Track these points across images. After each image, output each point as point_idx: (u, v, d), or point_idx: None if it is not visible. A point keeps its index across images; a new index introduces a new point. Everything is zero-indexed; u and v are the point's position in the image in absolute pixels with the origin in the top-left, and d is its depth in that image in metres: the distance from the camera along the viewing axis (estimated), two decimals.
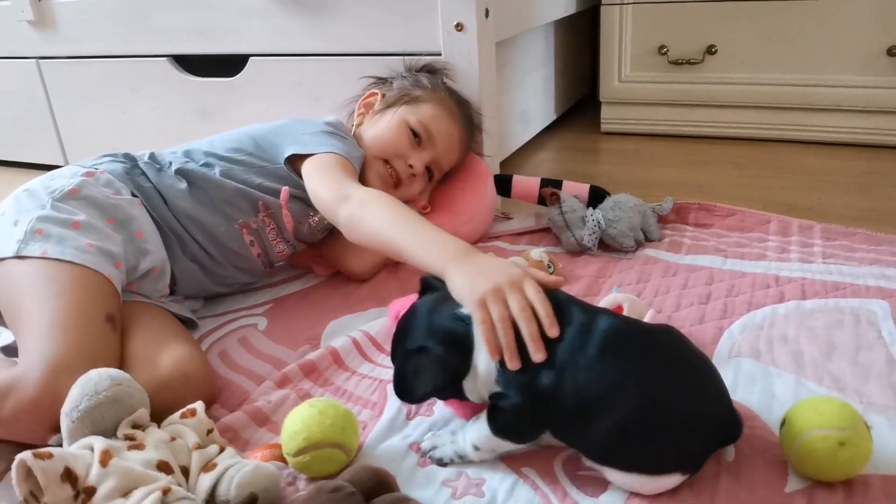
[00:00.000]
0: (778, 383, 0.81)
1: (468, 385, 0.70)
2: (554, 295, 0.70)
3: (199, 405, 0.71)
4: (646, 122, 1.84)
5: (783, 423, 0.69)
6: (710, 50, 1.71)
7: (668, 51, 1.74)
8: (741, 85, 1.70)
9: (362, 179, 1.10)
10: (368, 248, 0.95)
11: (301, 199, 1.05)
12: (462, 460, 0.72)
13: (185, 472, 0.65)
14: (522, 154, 1.72)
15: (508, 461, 0.72)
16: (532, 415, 0.67)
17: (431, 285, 0.77)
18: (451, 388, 0.71)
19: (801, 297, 0.99)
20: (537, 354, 0.65)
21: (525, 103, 1.69)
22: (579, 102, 2.16)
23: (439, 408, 0.81)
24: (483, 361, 0.68)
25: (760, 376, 0.82)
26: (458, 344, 0.68)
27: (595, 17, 2.09)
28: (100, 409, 0.66)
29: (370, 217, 0.88)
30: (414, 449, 0.74)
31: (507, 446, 0.70)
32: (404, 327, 0.73)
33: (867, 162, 1.55)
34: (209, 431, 0.70)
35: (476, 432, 0.70)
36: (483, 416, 0.70)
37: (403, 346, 0.71)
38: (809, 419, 0.66)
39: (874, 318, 0.92)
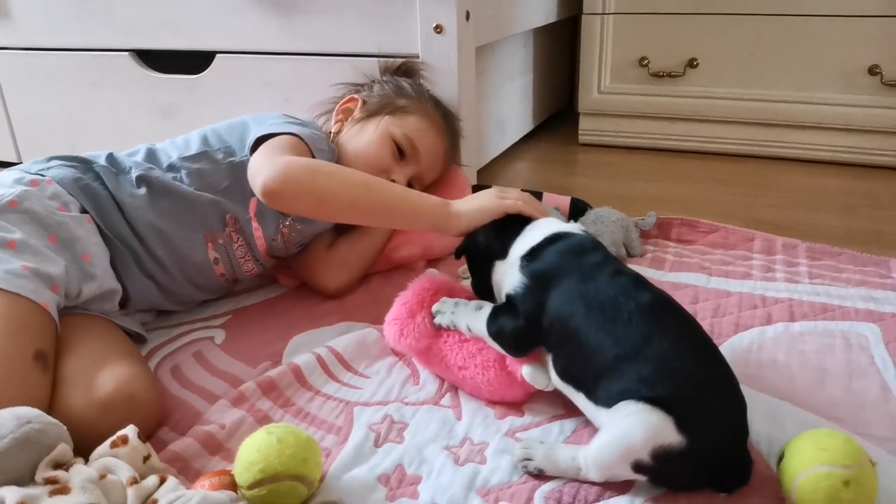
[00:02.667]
0: (771, 411, 0.77)
1: (499, 268, 0.80)
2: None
3: (130, 430, 0.63)
4: (625, 134, 1.80)
5: (781, 456, 0.64)
6: (692, 63, 1.68)
7: (648, 63, 1.71)
8: (722, 100, 1.67)
9: None
10: (309, 213, 0.91)
11: None
12: (456, 328, 0.81)
13: None
14: (499, 164, 1.67)
15: (486, 495, 0.66)
16: (531, 334, 0.73)
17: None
18: (489, 252, 0.81)
19: (790, 319, 0.95)
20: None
21: (503, 112, 1.64)
22: (556, 114, 2.13)
23: (410, 435, 0.74)
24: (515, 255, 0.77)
25: (752, 403, 0.76)
26: (509, 233, 0.80)
27: (575, 27, 2.06)
28: (8, 454, 0.58)
29: (321, 172, 0.86)
30: (382, 481, 0.68)
31: (495, 346, 0.77)
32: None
33: (848, 181, 1.53)
34: (146, 459, 0.62)
35: (472, 319, 0.79)
36: (486, 309, 0.78)
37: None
38: (811, 454, 0.61)
39: (865, 343, 0.89)
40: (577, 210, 1.19)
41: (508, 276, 0.77)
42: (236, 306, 1.05)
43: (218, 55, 1.42)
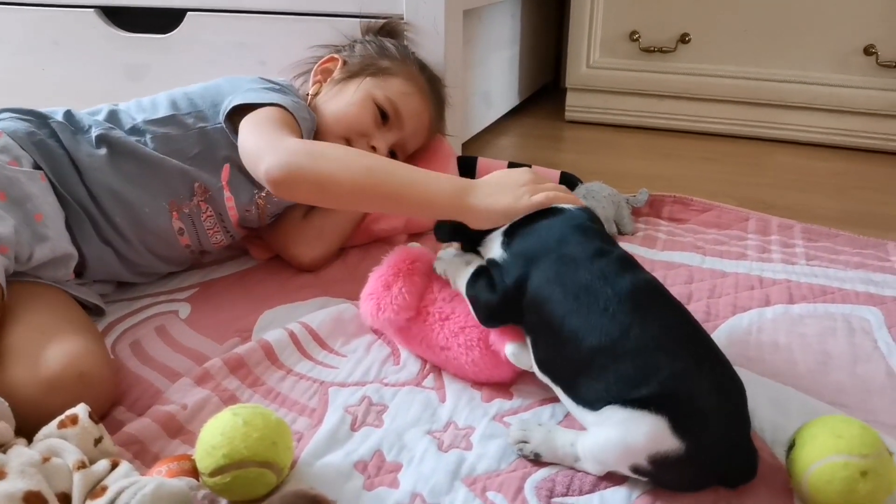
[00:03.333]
0: (774, 396, 0.72)
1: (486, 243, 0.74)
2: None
3: (80, 409, 0.57)
4: (613, 111, 1.75)
5: (791, 445, 0.60)
6: (684, 39, 1.62)
7: (639, 37, 1.65)
8: (714, 77, 1.62)
9: None
10: (313, 201, 0.83)
11: (245, 174, 0.91)
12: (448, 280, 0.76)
13: (66, 500, 0.51)
14: (484, 138, 1.61)
15: (472, 484, 0.60)
16: (505, 310, 0.68)
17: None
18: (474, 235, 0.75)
19: (789, 301, 0.91)
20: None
21: (489, 83, 1.58)
22: (541, 91, 2.06)
23: (390, 418, 0.69)
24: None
25: (754, 388, 0.72)
26: None
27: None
28: None
29: (324, 158, 0.78)
30: (359, 468, 0.62)
31: (470, 305, 0.72)
32: None
33: (840, 163, 1.49)
34: (97, 441, 0.56)
35: (458, 274, 0.74)
36: (471, 268, 0.73)
37: None
38: (825, 443, 0.57)
39: (868, 327, 0.85)
40: (566, 184, 1.13)
41: (491, 247, 0.72)
42: (204, 279, 0.98)
43: (189, 13, 1.33)
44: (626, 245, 1.06)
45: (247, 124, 0.86)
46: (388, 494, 0.59)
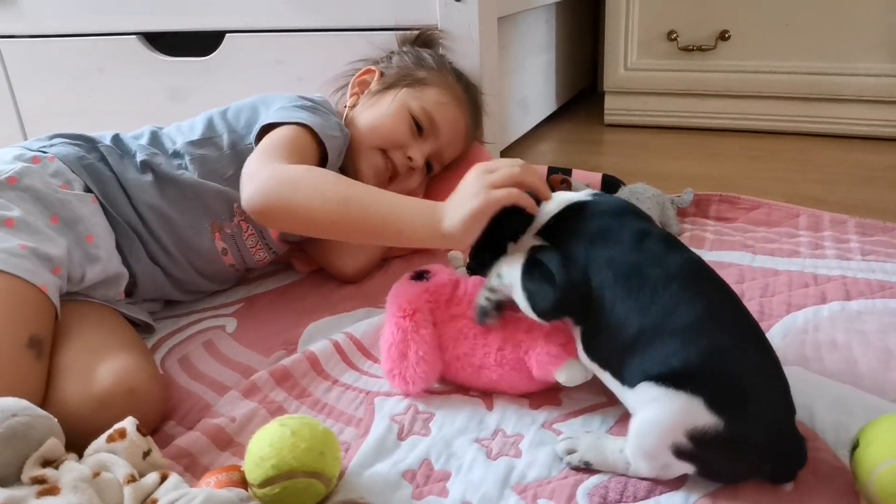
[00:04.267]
0: (835, 396, 0.69)
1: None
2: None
3: (128, 423, 0.57)
4: (653, 113, 1.72)
5: (855, 445, 0.57)
6: (723, 36, 1.59)
7: (677, 36, 1.63)
8: (756, 73, 1.58)
9: (353, 169, 0.97)
10: (292, 231, 0.85)
11: None
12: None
13: None
14: (522, 144, 1.60)
15: (522, 492, 0.59)
16: (564, 304, 0.64)
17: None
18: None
19: (845, 298, 0.88)
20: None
21: (525, 90, 1.57)
22: (578, 95, 2.05)
23: (437, 426, 0.68)
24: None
25: (813, 388, 0.70)
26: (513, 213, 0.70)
27: (598, 2, 1.98)
28: None
29: (299, 189, 0.77)
30: (408, 477, 0.62)
31: (521, 301, 0.67)
32: None
33: (893, 156, 1.44)
34: (146, 454, 0.56)
35: (510, 264, 0.68)
36: (518, 260, 0.67)
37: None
38: (893, 441, 0.54)
39: None
40: (609, 187, 1.12)
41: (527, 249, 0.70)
42: (249, 294, 0.99)
43: (228, 35, 1.36)
44: None
45: (256, 150, 0.86)
46: (438, 503, 0.59)
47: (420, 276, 0.77)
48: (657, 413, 0.56)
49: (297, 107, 0.93)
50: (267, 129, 0.89)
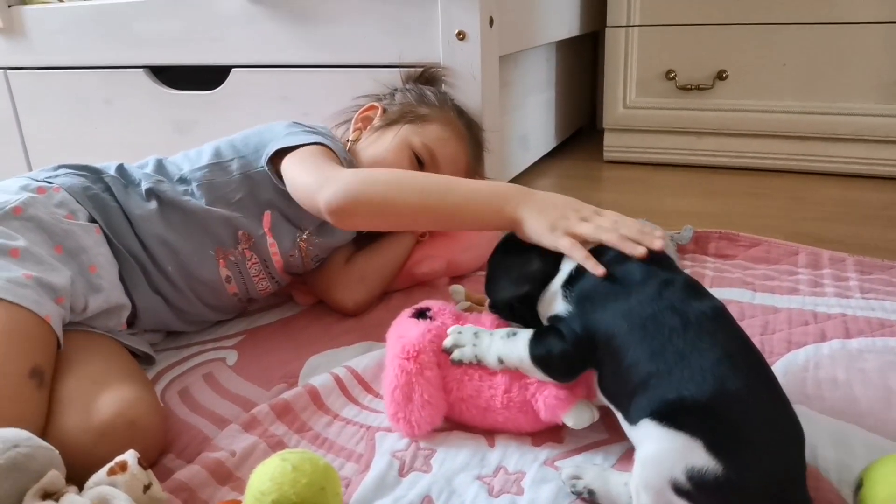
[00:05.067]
0: (837, 434, 0.69)
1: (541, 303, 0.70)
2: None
3: (129, 455, 0.57)
4: (652, 150, 1.74)
5: (859, 485, 0.57)
6: (721, 75, 1.62)
7: (675, 76, 1.65)
8: (754, 112, 1.61)
9: None
10: (376, 226, 0.90)
11: (287, 218, 0.93)
12: (480, 363, 0.71)
13: None
14: (522, 180, 1.61)
15: None
16: (580, 357, 0.65)
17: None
18: (534, 294, 0.71)
19: (845, 336, 0.88)
20: (655, 242, 0.67)
21: (525, 127, 1.59)
22: (577, 133, 2.07)
23: (438, 463, 0.68)
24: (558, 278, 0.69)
25: (815, 426, 0.70)
26: (550, 254, 0.71)
27: (596, 43, 2.02)
28: None
29: (378, 187, 0.80)
30: None
31: (536, 373, 0.68)
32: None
33: (888, 194, 1.45)
34: (146, 488, 0.56)
35: (508, 349, 0.69)
36: (522, 335, 0.69)
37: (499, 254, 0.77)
38: None
39: None
40: None
41: (552, 305, 0.70)
42: (250, 326, 0.99)
43: (234, 69, 1.38)
44: None
45: (292, 162, 0.88)
46: None
47: (422, 314, 0.77)
48: (658, 449, 0.56)
49: (305, 131, 0.95)
50: (280, 154, 0.90)
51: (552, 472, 0.65)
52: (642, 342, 0.60)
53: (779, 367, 0.81)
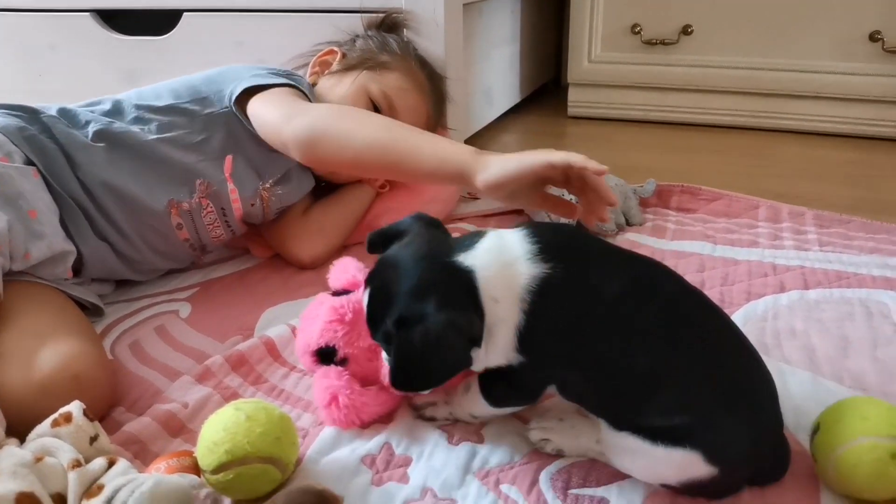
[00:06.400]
0: (794, 382, 0.70)
1: (478, 355, 0.56)
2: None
3: (74, 406, 0.55)
4: (616, 106, 1.73)
5: (815, 429, 0.57)
6: (686, 30, 1.60)
7: (641, 30, 1.63)
8: (718, 68, 1.60)
9: None
10: (341, 165, 0.89)
11: (251, 163, 0.90)
12: (458, 421, 0.64)
13: (61, 501, 0.49)
14: (486, 135, 1.59)
15: (485, 477, 0.58)
16: (546, 376, 0.57)
17: (390, 234, 0.62)
18: (467, 362, 0.55)
19: (804, 287, 0.89)
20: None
21: (490, 80, 1.56)
22: (542, 88, 2.04)
23: (398, 412, 0.66)
24: (504, 325, 0.54)
25: (774, 374, 0.70)
26: (469, 301, 0.54)
27: None
28: None
29: (344, 121, 0.81)
30: (367, 462, 0.60)
31: (510, 410, 0.63)
32: (385, 292, 0.56)
33: (850, 152, 1.47)
34: (93, 439, 0.54)
35: (472, 404, 0.62)
36: (474, 388, 0.61)
37: (394, 317, 0.54)
38: (851, 425, 0.54)
39: (886, 311, 0.83)
40: None
41: (490, 356, 0.57)
42: (205, 278, 0.96)
43: (185, 14, 1.32)
44: (635, 236, 1.04)
45: (261, 101, 0.87)
46: (398, 490, 0.57)
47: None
48: (653, 464, 0.54)
49: (273, 73, 0.92)
50: (246, 95, 0.87)
51: (513, 421, 0.65)
52: (611, 351, 0.54)
53: (738, 317, 0.82)
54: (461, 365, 0.55)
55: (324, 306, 0.69)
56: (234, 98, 0.88)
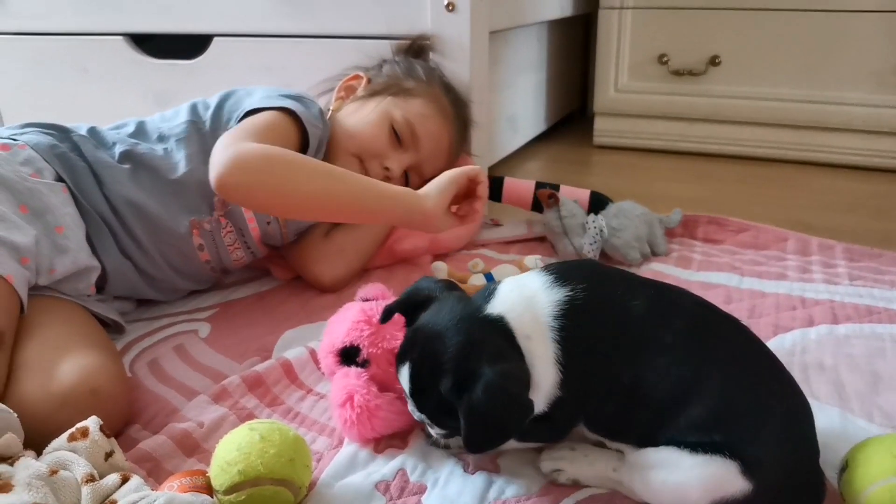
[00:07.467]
0: (822, 418, 0.67)
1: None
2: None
3: (91, 422, 0.55)
4: (642, 135, 1.72)
5: (844, 466, 0.55)
6: (714, 61, 1.60)
7: (668, 60, 1.63)
8: (745, 99, 1.59)
9: None
10: (265, 207, 0.85)
11: None
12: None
13: None
14: (511, 162, 1.58)
15: None
16: (580, 410, 0.57)
17: (416, 302, 0.60)
18: (531, 408, 0.54)
19: (833, 321, 0.86)
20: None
21: (515, 107, 1.56)
22: (568, 117, 2.04)
23: (413, 437, 0.65)
24: (541, 362, 0.54)
25: None
26: (511, 349, 0.54)
27: (589, 26, 1.99)
28: None
29: (282, 164, 0.78)
30: (381, 489, 0.59)
31: (533, 445, 0.62)
32: (430, 361, 0.54)
33: (879, 185, 1.44)
34: (108, 455, 0.53)
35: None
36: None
37: (449, 384, 0.53)
38: (882, 463, 0.53)
39: None
40: (597, 204, 1.11)
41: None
42: (225, 299, 0.96)
43: (215, 38, 1.34)
44: (660, 266, 1.03)
45: (228, 131, 0.84)
46: None
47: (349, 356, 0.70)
48: (686, 480, 0.52)
49: (282, 95, 0.91)
50: (250, 114, 0.88)
51: (531, 453, 0.63)
52: (637, 370, 0.54)
53: None
54: (527, 412, 0.53)
55: (352, 310, 0.71)
56: (239, 118, 0.89)
